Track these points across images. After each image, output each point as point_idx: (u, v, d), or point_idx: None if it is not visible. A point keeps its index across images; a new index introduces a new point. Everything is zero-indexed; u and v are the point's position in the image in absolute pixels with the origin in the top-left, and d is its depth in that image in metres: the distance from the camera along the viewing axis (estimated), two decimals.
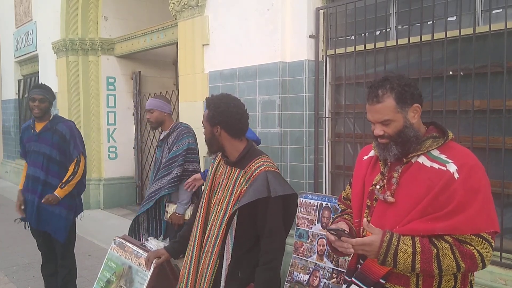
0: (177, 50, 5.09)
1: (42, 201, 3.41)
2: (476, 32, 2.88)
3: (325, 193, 3.87)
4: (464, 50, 2.98)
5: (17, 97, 10.47)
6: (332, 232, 1.61)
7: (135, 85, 7.39)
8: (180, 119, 5.16)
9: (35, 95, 3.49)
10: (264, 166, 2.02)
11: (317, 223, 3.26)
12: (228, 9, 4.37)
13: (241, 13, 4.22)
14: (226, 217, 2.03)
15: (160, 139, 3.60)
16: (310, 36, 3.84)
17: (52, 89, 3.71)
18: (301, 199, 3.45)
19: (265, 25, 3.99)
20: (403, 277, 1.55)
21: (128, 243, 2.61)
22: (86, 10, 7.23)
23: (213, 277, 2.05)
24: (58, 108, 7.68)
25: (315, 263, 3.20)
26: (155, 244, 2.56)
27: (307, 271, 3.25)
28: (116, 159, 7.45)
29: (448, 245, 1.46)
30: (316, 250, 3.22)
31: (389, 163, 1.67)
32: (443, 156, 1.56)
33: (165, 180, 3.38)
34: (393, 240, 1.50)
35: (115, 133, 7.49)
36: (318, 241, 3.22)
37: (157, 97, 3.74)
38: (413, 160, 1.60)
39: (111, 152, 7.41)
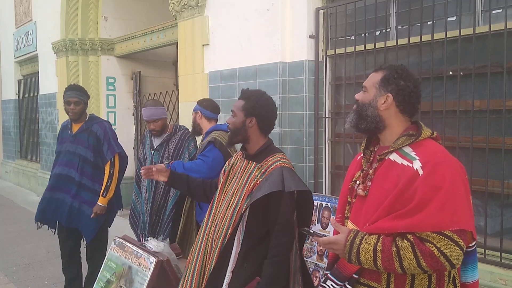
0: (177, 50, 5.09)
1: (92, 216, 3.46)
2: (476, 32, 2.88)
3: (325, 193, 3.87)
4: (464, 50, 2.98)
5: (17, 97, 10.47)
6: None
7: (135, 85, 7.39)
8: (180, 119, 5.16)
9: (69, 98, 3.49)
10: (281, 162, 2.08)
11: (317, 223, 3.26)
12: (228, 9, 4.37)
13: (241, 13, 4.23)
14: (238, 207, 2.07)
15: (159, 143, 3.55)
16: (310, 36, 3.84)
17: (85, 89, 3.69)
18: None
19: (265, 25, 3.99)
20: (375, 273, 1.56)
21: (128, 243, 2.61)
22: (86, 10, 7.23)
23: (214, 264, 2.08)
24: (58, 108, 7.69)
25: (315, 263, 3.20)
26: (155, 244, 2.56)
27: None
28: None
29: (409, 243, 1.44)
30: (316, 250, 3.22)
31: (371, 159, 1.70)
32: (413, 153, 1.55)
33: None
34: (356, 239, 1.53)
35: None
36: None
37: (153, 104, 3.59)
38: (386, 157, 1.61)
39: None
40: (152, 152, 3.57)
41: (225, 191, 2.22)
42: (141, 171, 2.46)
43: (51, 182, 3.63)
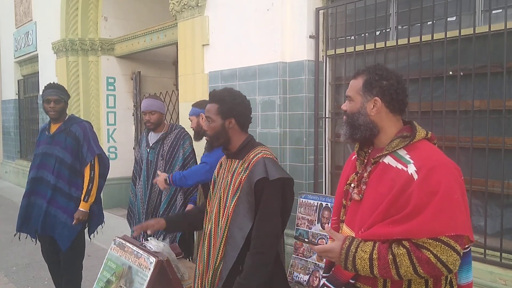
0: (177, 50, 5.09)
1: (74, 222, 3.27)
2: (476, 32, 2.88)
3: (325, 193, 3.87)
4: (464, 50, 2.98)
5: (17, 97, 10.47)
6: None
7: (135, 85, 7.39)
8: (180, 119, 5.17)
9: (49, 96, 3.32)
10: (262, 153, 2.05)
11: (317, 223, 3.26)
12: (228, 9, 4.37)
13: (241, 13, 4.23)
14: (226, 208, 2.02)
15: (155, 141, 3.56)
16: (310, 36, 3.84)
17: (65, 88, 3.52)
18: (301, 199, 3.45)
19: (265, 25, 3.99)
20: (371, 278, 1.54)
21: (128, 243, 2.60)
22: (86, 10, 7.23)
23: (219, 270, 2.03)
24: None
25: (315, 264, 3.20)
26: (155, 244, 2.55)
27: (307, 272, 3.24)
28: (116, 159, 7.46)
29: (405, 250, 1.42)
30: None
31: (365, 161, 1.68)
32: (407, 156, 1.52)
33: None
34: (352, 247, 1.51)
35: (115, 133, 7.49)
36: (318, 241, 3.22)
37: (154, 97, 3.65)
38: (380, 160, 1.59)
39: (111, 152, 7.41)
40: (148, 150, 3.58)
41: (215, 196, 2.18)
42: (133, 231, 2.39)
43: (27, 188, 3.44)
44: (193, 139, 3.49)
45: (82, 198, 3.32)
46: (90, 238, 3.58)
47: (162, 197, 3.49)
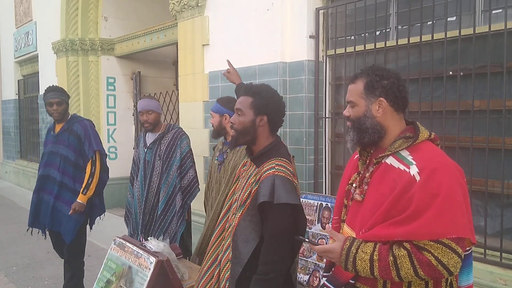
0: (177, 50, 5.09)
1: (70, 212, 3.45)
2: (476, 32, 2.88)
3: (325, 193, 3.86)
4: (464, 50, 2.98)
5: (17, 97, 10.47)
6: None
7: (135, 85, 7.38)
8: (180, 119, 5.17)
9: (51, 99, 3.52)
10: (274, 170, 1.88)
11: (317, 223, 3.26)
12: (228, 9, 4.37)
13: (241, 13, 4.23)
14: (233, 217, 1.98)
15: (152, 141, 3.57)
16: (310, 36, 3.84)
17: (65, 89, 3.74)
18: (301, 199, 3.44)
19: (265, 25, 3.99)
20: (371, 279, 1.54)
21: (128, 243, 2.61)
22: (86, 10, 7.24)
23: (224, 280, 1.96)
24: None
25: (315, 264, 3.20)
26: (155, 244, 2.56)
27: (307, 272, 3.24)
28: (116, 159, 7.46)
29: (406, 252, 1.42)
30: None
31: (367, 161, 1.67)
32: (409, 157, 1.51)
33: (185, 183, 3.48)
34: (352, 248, 1.50)
35: (115, 133, 7.49)
36: (318, 241, 3.22)
37: (150, 98, 3.67)
38: (383, 161, 1.58)
39: (111, 152, 7.40)
40: (145, 150, 3.58)
41: (234, 193, 2.12)
42: None
43: (37, 185, 3.68)
44: (211, 136, 3.38)
45: (81, 191, 3.50)
46: (91, 229, 3.78)
47: (159, 197, 3.48)
